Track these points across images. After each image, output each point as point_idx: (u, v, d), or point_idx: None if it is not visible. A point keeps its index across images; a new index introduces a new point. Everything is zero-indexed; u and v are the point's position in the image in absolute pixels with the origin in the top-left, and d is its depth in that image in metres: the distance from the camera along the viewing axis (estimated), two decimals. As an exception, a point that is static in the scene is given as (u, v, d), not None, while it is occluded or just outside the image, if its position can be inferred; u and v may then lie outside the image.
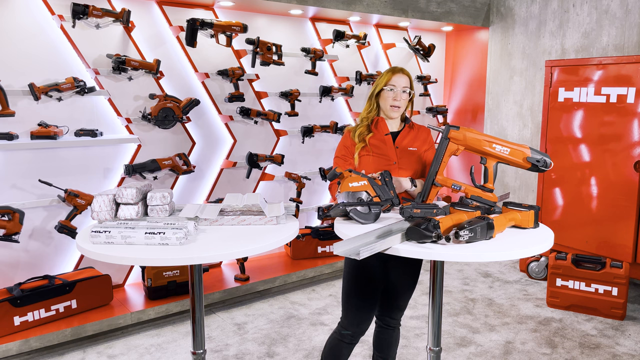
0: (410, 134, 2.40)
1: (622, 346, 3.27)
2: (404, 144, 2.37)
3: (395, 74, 2.34)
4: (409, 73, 2.39)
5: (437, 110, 5.51)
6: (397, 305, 2.42)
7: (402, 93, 2.33)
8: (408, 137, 2.39)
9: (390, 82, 2.33)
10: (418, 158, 2.37)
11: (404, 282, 2.37)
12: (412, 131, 2.41)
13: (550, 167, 2.12)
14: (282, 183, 4.59)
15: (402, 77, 2.34)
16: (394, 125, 2.42)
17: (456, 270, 4.63)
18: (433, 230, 1.72)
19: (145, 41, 3.74)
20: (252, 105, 4.28)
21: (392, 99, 2.33)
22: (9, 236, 3.11)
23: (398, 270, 2.32)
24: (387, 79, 2.34)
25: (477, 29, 5.38)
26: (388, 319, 2.45)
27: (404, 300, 2.42)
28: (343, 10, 4.21)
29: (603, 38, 4.42)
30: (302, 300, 3.98)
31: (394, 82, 2.33)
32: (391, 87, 2.33)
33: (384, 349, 2.49)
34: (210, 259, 1.79)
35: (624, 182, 3.80)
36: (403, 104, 2.35)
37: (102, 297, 3.44)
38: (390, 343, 2.49)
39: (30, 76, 3.28)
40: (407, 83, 2.34)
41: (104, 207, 2.07)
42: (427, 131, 2.45)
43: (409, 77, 2.37)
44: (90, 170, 3.58)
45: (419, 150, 2.38)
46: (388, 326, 2.46)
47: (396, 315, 2.44)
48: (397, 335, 2.49)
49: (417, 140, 2.40)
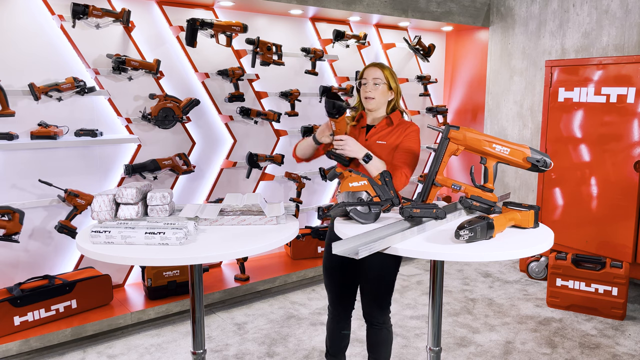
0: (387, 129, 2.43)
1: (622, 346, 3.27)
2: (374, 138, 2.42)
3: (366, 68, 2.45)
4: (383, 66, 2.44)
5: (437, 110, 5.51)
6: (374, 304, 2.43)
7: (374, 85, 2.40)
8: (382, 132, 2.42)
9: (363, 76, 2.44)
10: (388, 152, 2.39)
11: (374, 276, 2.39)
12: (391, 127, 2.43)
13: (550, 167, 2.13)
14: (282, 183, 4.59)
15: (372, 69, 2.42)
16: (377, 118, 2.48)
17: (456, 270, 4.63)
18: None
19: (145, 41, 3.74)
20: (252, 105, 4.28)
21: (364, 91, 2.43)
22: (9, 236, 3.11)
23: (368, 262, 2.34)
24: (361, 74, 2.46)
25: (477, 29, 5.38)
26: (370, 317, 2.47)
27: (379, 298, 2.42)
28: (343, 10, 4.21)
29: (603, 38, 4.42)
30: (302, 300, 3.98)
31: (365, 75, 2.43)
32: (364, 80, 2.43)
33: (372, 348, 2.52)
34: (210, 259, 1.79)
35: (624, 182, 3.80)
36: (377, 94, 2.41)
37: (102, 297, 3.44)
38: (377, 343, 2.49)
39: (30, 76, 3.28)
40: (379, 75, 2.41)
41: (104, 207, 2.07)
42: (408, 126, 2.43)
43: (383, 69, 2.42)
44: (90, 170, 3.59)
45: (391, 144, 2.39)
46: (372, 325, 2.48)
47: (377, 315, 2.45)
48: (385, 337, 2.48)
49: (392, 136, 2.41)
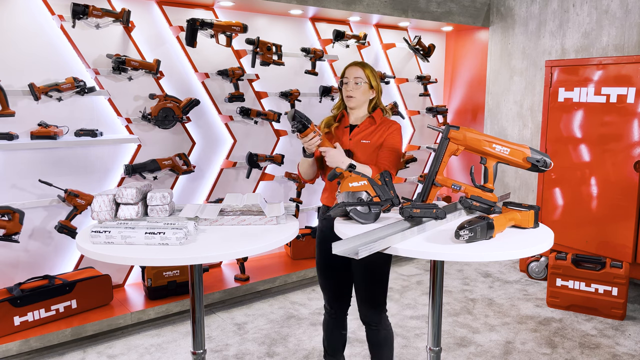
0: (370, 128, 2.44)
1: (622, 346, 3.27)
2: (358, 137, 2.43)
3: (348, 67, 2.47)
4: (364, 65, 2.46)
5: (437, 110, 5.50)
6: (368, 304, 2.44)
7: (355, 84, 2.42)
8: (366, 131, 2.44)
9: (344, 75, 2.46)
10: (372, 151, 2.40)
11: (367, 275, 2.39)
12: (374, 126, 2.44)
13: (550, 167, 2.13)
14: (282, 183, 4.59)
15: (353, 69, 2.44)
16: (359, 117, 2.49)
17: (456, 270, 4.63)
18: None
19: (145, 41, 3.74)
20: (252, 105, 4.28)
21: (345, 90, 2.45)
22: (9, 236, 3.11)
23: (359, 261, 2.33)
24: (342, 73, 2.48)
25: (477, 29, 5.38)
26: (366, 318, 2.48)
27: (373, 298, 2.43)
28: (343, 10, 4.21)
29: (603, 38, 4.42)
30: (302, 300, 3.98)
31: (346, 75, 2.45)
32: (345, 79, 2.45)
33: (372, 349, 2.54)
34: (210, 259, 1.80)
35: (624, 182, 3.80)
36: (357, 94, 2.43)
37: (102, 297, 3.44)
38: (377, 344, 2.50)
39: (30, 76, 3.28)
40: (360, 74, 2.42)
41: (104, 207, 2.07)
42: (390, 125, 2.44)
43: (364, 69, 2.44)
44: (90, 170, 3.59)
45: (374, 143, 2.40)
46: (370, 327, 2.49)
47: (372, 315, 2.45)
48: (384, 337, 2.48)
49: (375, 135, 2.42)
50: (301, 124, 2.26)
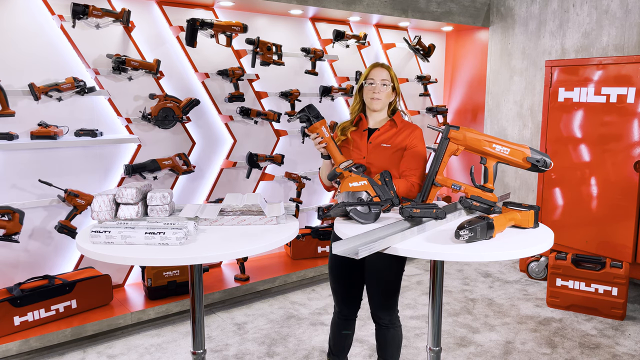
0: (391, 131, 2.43)
1: (622, 346, 3.27)
2: (379, 140, 2.42)
3: (373, 68, 2.45)
4: (388, 67, 2.46)
5: (437, 110, 5.51)
6: (381, 304, 2.44)
7: (382, 86, 2.41)
8: (386, 133, 2.43)
9: (369, 77, 2.43)
10: (391, 154, 2.39)
11: (380, 277, 2.39)
12: (395, 129, 2.44)
13: (550, 167, 2.13)
14: (282, 183, 4.59)
15: (380, 70, 2.43)
16: (379, 120, 2.48)
17: (456, 270, 4.63)
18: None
19: (145, 41, 3.74)
20: (252, 105, 4.28)
21: (371, 92, 2.42)
22: (9, 236, 3.11)
23: (373, 264, 2.36)
24: (366, 74, 2.45)
25: (477, 29, 5.38)
26: (377, 317, 2.48)
27: (386, 297, 2.43)
28: (343, 10, 4.21)
29: (603, 38, 4.42)
30: (302, 300, 3.98)
31: (373, 76, 2.43)
32: (371, 81, 2.42)
33: (380, 348, 2.54)
34: (210, 259, 1.80)
35: (624, 182, 3.80)
36: (383, 96, 2.42)
37: (102, 297, 3.44)
38: (385, 343, 2.50)
39: (30, 76, 3.28)
40: (386, 76, 2.42)
41: (104, 207, 2.07)
42: (413, 129, 2.44)
43: (389, 70, 2.44)
44: (90, 170, 3.58)
45: (396, 147, 2.39)
46: (380, 325, 2.49)
47: (384, 314, 2.46)
48: (393, 336, 2.49)
49: (397, 138, 2.41)
50: (306, 117, 2.24)
